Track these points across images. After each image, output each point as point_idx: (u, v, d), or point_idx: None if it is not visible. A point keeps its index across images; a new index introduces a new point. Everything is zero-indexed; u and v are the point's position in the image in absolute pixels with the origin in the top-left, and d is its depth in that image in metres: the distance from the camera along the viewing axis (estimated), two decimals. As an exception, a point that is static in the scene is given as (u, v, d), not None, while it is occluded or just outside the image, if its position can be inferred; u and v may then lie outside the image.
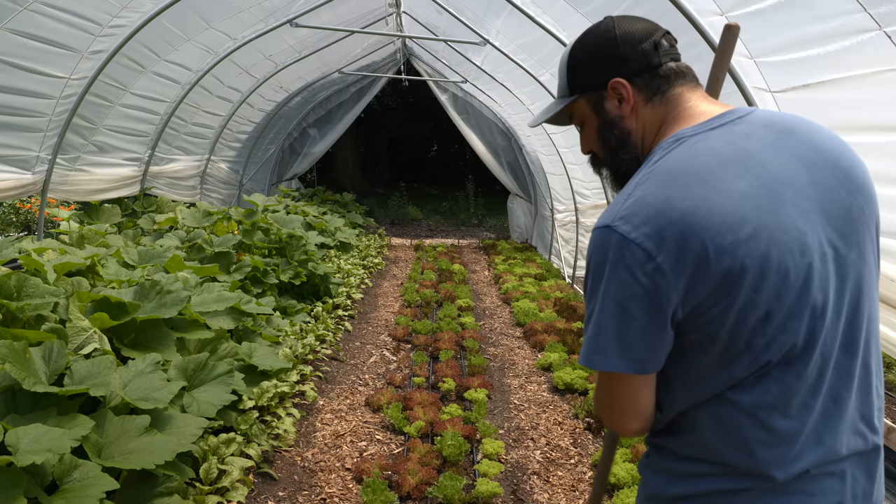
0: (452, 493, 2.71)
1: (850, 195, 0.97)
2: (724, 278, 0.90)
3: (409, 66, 10.29)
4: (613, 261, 0.93)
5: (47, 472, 2.01)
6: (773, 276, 0.90)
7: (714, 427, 0.99)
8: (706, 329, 0.94)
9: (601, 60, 1.08)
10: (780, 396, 0.95)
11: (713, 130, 0.98)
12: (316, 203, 10.04)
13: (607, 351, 0.95)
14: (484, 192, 15.63)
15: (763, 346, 0.93)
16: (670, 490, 1.04)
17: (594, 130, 1.14)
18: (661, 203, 0.91)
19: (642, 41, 1.06)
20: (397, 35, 8.00)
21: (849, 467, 0.99)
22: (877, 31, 1.97)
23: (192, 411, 2.64)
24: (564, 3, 4.18)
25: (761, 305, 0.91)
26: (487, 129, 9.97)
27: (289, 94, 9.23)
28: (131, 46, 4.80)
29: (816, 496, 0.97)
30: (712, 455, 1.00)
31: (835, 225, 0.95)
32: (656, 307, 0.92)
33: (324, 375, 4.20)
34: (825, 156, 0.97)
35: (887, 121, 2.14)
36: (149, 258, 4.16)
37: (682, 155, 0.96)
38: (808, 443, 0.96)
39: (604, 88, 1.09)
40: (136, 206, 6.64)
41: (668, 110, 1.07)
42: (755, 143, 0.96)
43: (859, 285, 0.98)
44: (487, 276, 8.04)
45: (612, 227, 0.93)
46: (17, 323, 2.78)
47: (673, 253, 0.89)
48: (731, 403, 0.97)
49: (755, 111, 1.02)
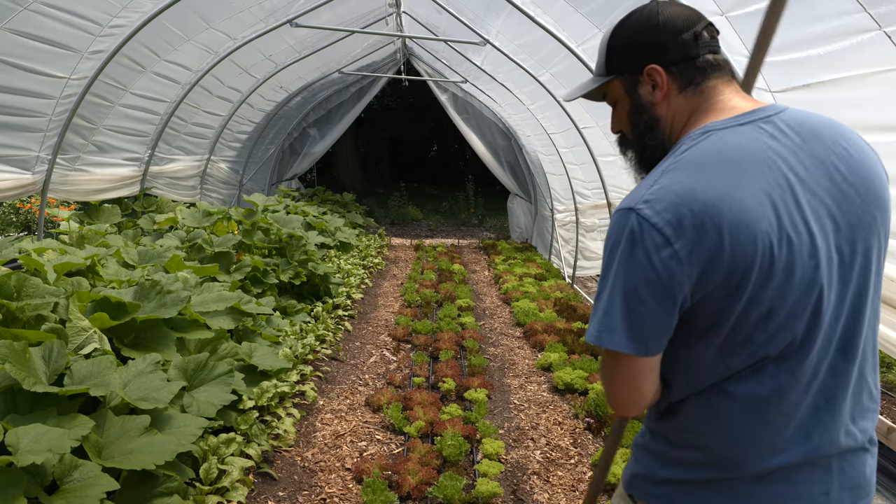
0: (452, 493, 2.71)
1: (865, 204, 0.99)
2: (734, 272, 0.92)
3: (409, 66, 10.29)
4: (631, 241, 0.95)
5: (47, 472, 2.01)
6: (781, 274, 0.93)
7: (709, 417, 1.03)
8: (711, 319, 0.97)
9: (641, 46, 1.10)
10: (774, 391, 0.98)
11: (742, 126, 1.00)
12: (316, 203, 10.05)
13: (615, 329, 0.97)
14: (484, 192, 15.63)
15: (762, 342, 0.97)
16: (662, 473, 1.10)
17: (625, 112, 1.16)
18: (684, 192, 0.93)
19: (684, 31, 1.07)
20: (397, 35, 8.00)
21: (836, 461, 1.03)
22: (877, 31, 1.97)
23: (192, 411, 2.63)
24: (564, 3, 4.19)
25: (765, 302, 0.94)
26: (487, 129, 9.97)
27: (289, 94, 9.23)
28: (131, 46, 4.80)
29: (801, 485, 1.02)
30: (705, 444, 1.04)
31: (844, 231, 0.98)
32: (667, 293, 0.94)
33: (324, 375, 4.20)
34: (847, 162, 1.00)
35: (887, 121, 2.14)
36: (149, 258, 4.16)
37: (710, 148, 0.98)
38: (796, 437, 1.00)
39: (640, 73, 1.10)
40: (136, 206, 6.64)
41: (700, 101, 1.08)
42: (781, 142, 0.98)
43: (861, 292, 1.00)
44: (487, 276, 8.04)
45: (634, 210, 0.95)
46: (17, 323, 2.78)
47: (690, 241, 0.91)
48: (726, 394, 1.01)
49: (787, 109, 1.04)
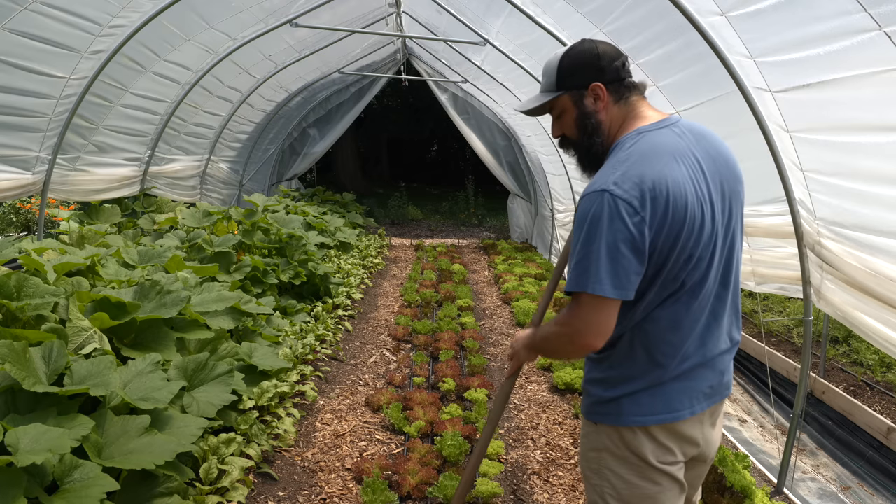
0: (452, 493, 2.71)
1: (733, 181, 1.47)
2: (673, 229, 1.32)
3: (409, 66, 10.28)
4: (610, 213, 1.29)
5: (48, 472, 2.01)
6: (697, 230, 1.36)
7: (637, 341, 1.44)
8: (658, 266, 1.36)
9: (587, 69, 1.48)
10: (684, 314, 1.42)
11: (662, 129, 1.43)
12: (316, 203, 10.04)
13: (604, 281, 1.30)
14: (484, 192, 15.62)
15: (682, 279, 1.39)
16: (606, 395, 1.50)
17: (573, 119, 1.53)
18: (640, 175, 1.32)
19: (615, 60, 1.48)
20: (397, 35, 8.00)
21: (718, 362, 1.51)
22: (877, 31, 1.96)
23: (192, 411, 2.63)
24: (564, 3, 4.18)
25: (688, 249, 1.36)
26: (487, 129, 9.96)
27: (289, 94, 9.23)
28: (131, 46, 4.80)
29: (697, 380, 1.48)
30: (635, 362, 1.45)
31: (726, 200, 1.44)
32: (639, 247, 1.30)
33: (324, 375, 4.20)
34: (721, 154, 1.46)
35: (887, 121, 2.14)
36: (149, 258, 4.16)
37: (647, 145, 1.39)
38: (697, 346, 1.46)
39: (585, 89, 1.49)
40: (136, 206, 6.63)
41: (628, 111, 1.49)
42: (686, 141, 1.42)
43: (733, 241, 1.47)
44: (487, 276, 8.03)
45: (608, 191, 1.30)
46: (17, 323, 2.78)
47: (650, 208, 1.30)
48: (653, 321, 1.42)
49: (681, 120, 1.48)
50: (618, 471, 1.49)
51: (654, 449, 1.46)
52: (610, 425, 1.49)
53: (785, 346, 5.86)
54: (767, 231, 3.17)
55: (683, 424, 1.47)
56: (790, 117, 2.67)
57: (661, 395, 1.44)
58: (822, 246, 2.74)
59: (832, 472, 3.71)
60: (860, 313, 2.59)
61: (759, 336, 5.44)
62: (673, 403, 1.45)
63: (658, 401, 1.44)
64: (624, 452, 1.48)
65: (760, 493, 2.79)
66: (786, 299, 7.00)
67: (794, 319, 6.25)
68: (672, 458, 1.48)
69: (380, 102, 17.59)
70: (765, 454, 3.78)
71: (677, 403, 1.45)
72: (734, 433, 3.94)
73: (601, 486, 1.53)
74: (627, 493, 1.49)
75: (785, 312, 6.75)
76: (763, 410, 4.58)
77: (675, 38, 3.30)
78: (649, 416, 1.44)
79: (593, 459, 1.55)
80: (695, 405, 1.47)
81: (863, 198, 2.43)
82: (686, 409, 1.46)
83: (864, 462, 3.75)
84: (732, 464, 3.01)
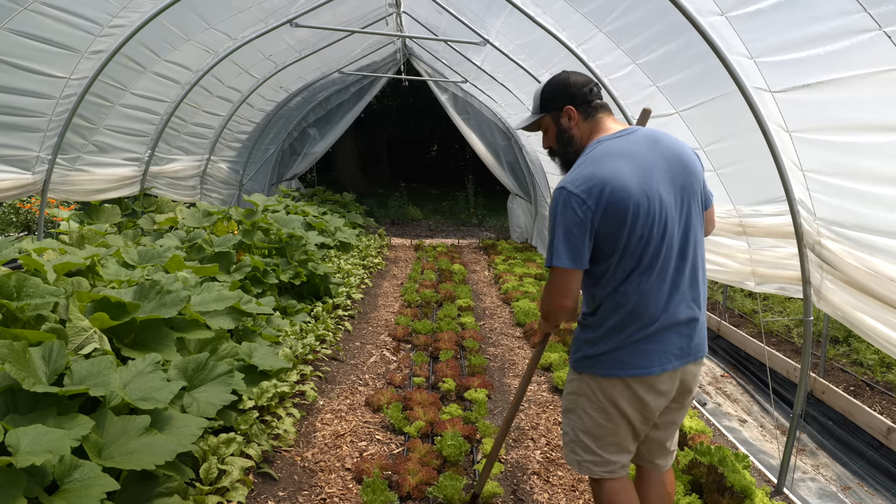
0: (452, 493, 2.71)
1: (687, 175, 1.82)
2: (618, 214, 1.71)
3: (409, 66, 10.28)
4: (565, 204, 1.73)
5: (48, 473, 2.00)
6: (644, 216, 1.72)
7: (612, 308, 1.81)
8: (612, 246, 1.75)
9: (561, 94, 1.92)
10: (648, 285, 1.77)
11: (618, 138, 1.83)
12: (316, 203, 10.04)
13: (562, 256, 1.74)
14: (484, 192, 15.61)
15: (640, 255, 1.75)
16: (591, 351, 1.88)
17: (554, 134, 1.98)
18: (590, 174, 1.74)
19: (584, 87, 1.91)
20: (397, 35, 8.00)
21: (684, 328, 1.83)
22: (877, 31, 1.96)
23: (192, 411, 2.63)
24: (565, 3, 4.18)
25: (638, 231, 1.73)
26: (487, 129, 9.96)
27: (289, 94, 9.23)
28: (131, 46, 4.80)
29: (664, 343, 1.81)
30: (613, 326, 1.82)
31: (677, 191, 1.80)
32: (586, 229, 1.72)
33: (324, 375, 4.20)
34: (675, 153, 1.82)
35: (887, 121, 2.13)
36: (149, 258, 4.16)
37: (601, 150, 1.80)
38: (660, 312, 1.79)
39: (560, 111, 1.92)
40: (136, 206, 6.63)
41: (594, 125, 1.92)
42: (637, 146, 1.80)
43: (688, 223, 1.82)
44: (487, 276, 8.03)
45: (566, 188, 1.74)
46: (17, 323, 2.78)
47: (595, 199, 1.71)
48: (621, 293, 1.79)
49: (640, 129, 1.88)
50: (588, 411, 1.92)
51: (630, 397, 1.84)
52: (591, 375, 1.89)
53: (785, 346, 5.86)
54: (767, 231, 3.17)
55: (657, 379, 1.82)
56: (790, 117, 2.67)
57: (636, 354, 1.80)
58: (822, 246, 2.74)
59: (832, 472, 3.71)
60: (860, 313, 2.59)
61: (759, 336, 5.45)
62: (645, 361, 1.80)
63: (634, 358, 1.80)
64: (598, 397, 1.88)
65: (760, 493, 2.79)
66: (786, 299, 7.00)
67: (794, 319, 6.26)
68: (640, 406, 1.85)
69: (380, 102, 17.59)
70: (765, 454, 3.78)
71: (648, 361, 1.80)
72: (734, 433, 3.94)
73: (573, 420, 1.98)
74: (591, 425, 1.92)
75: (785, 312, 6.75)
76: (763, 410, 4.58)
77: (675, 38, 3.30)
78: (627, 369, 1.81)
79: (572, 400, 1.97)
80: (665, 364, 1.81)
81: (863, 198, 2.42)
82: (656, 366, 1.80)
83: (864, 462, 3.75)
84: (732, 464, 3.01)
